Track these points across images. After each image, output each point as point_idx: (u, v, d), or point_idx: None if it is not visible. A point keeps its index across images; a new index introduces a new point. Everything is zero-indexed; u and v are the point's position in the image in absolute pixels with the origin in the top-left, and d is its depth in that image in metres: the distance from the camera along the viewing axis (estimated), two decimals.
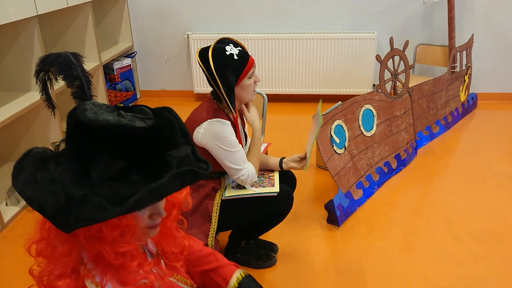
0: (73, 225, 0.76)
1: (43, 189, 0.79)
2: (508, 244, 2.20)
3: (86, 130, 0.79)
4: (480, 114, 3.92)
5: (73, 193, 0.77)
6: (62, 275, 0.85)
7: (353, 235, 2.30)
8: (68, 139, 0.84)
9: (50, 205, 0.77)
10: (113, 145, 0.79)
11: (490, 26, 3.94)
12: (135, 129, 0.79)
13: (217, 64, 1.68)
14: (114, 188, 0.78)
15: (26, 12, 2.52)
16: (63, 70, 0.95)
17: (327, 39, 3.93)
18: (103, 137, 0.78)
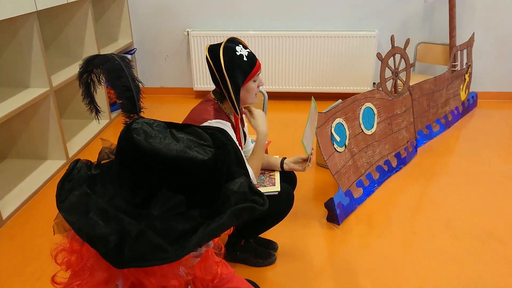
0: (127, 263, 0.72)
1: (94, 221, 0.73)
2: (507, 243, 2.20)
3: (147, 159, 0.74)
4: (481, 113, 3.92)
5: (129, 228, 0.72)
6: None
7: (353, 233, 2.29)
8: (121, 162, 0.78)
9: (102, 240, 0.72)
10: (175, 177, 0.75)
11: (491, 25, 3.94)
12: (200, 162, 0.75)
13: (228, 62, 1.66)
14: (171, 223, 0.74)
15: (25, 8, 2.51)
16: (112, 78, 0.88)
17: (327, 37, 3.92)
18: (166, 168, 0.74)
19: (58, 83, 2.94)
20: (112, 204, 0.75)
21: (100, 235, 0.72)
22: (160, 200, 0.75)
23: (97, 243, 0.72)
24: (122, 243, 0.71)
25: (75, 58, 3.48)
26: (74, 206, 0.76)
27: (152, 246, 0.71)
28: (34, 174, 2.85)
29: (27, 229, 2.35)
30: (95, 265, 0.80)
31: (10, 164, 2.97)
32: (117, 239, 0.72)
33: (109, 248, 0.72)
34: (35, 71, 2.77)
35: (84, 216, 0.74)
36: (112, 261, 0.72)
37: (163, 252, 0.71)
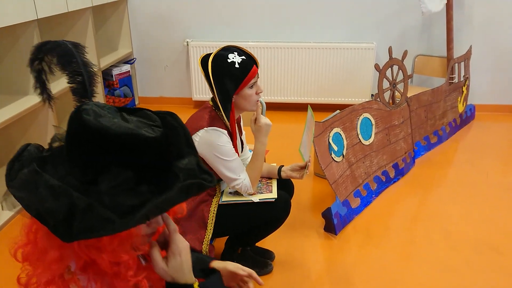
0: (76, 235, 0.73)
1: (43, 196, 0.74)
2: (505, 254, 2.19)
3: (96, 137, 0.75)
4: (478, 125, 3.93)
5: (78, 202, 0.73)
6: (50, 282, 0.82)
7: (350, 243, 2.28)
8: (71, 143, 0.79)
9: (51, 213, 0.73)
10: (123, 155, 0.76)
11: (489, 38, 3.97)
12: (148, 139, 0.76)
13: (215, 70, 1.68)
14: (120, 199, 0.75)
15: (26, 16, 2.53)
16: (63, 62, 0.88)
17: (326, 48, 3.95)
18: (115, 145, 0.76)
19: (57, 90, 2.95)
20: (63, 182, 0.76)
21: (48, 208, 0.73)
22: (108, 176, 0.76)
23: (46, 217, 0.73)
24: (71, 216, 0.72)
25: None
26: (23, 183, 0.77)
27: (100, 219, 0.73)
28: None
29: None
30: (46, 244, 0.81)
31: None
32: (66, 212, 0.72)
33: (58, 222, 0.72)
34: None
35: (33, 192, 0.74)
36: (61, 235, 0.73)
37: (112, 224, 0.73)
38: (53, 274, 0.82)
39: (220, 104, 1.69)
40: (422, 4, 3.33)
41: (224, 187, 1.91)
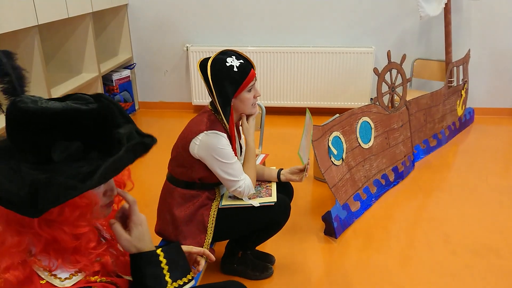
0: (42, 209, 0.78)
1: (2, 181, 0.79)
2: (505, 258, 2.19)
3: (38, 118, 0.81)
4: (477, 128, 3.94)
5: (38, 178, 0.78)
6: (9, 267, 0.84)
7: (350, 247, 2.29)
8: (16, 132, 0.84)
9: (14, 195, 0.77)
10: (67, 128, 0.83)
11: (487, 41, 3.99)
12: (85, 111, 0.84)
13: (215, 74, 1.69)
14: (76, 168, 0.82)
15: (26, 22, 2.54)
16: None
17: (325, 53, 3.97)
18: (57, 122, 0.82)
19: (57, 96, 2.96)
20: (18, 167, 0.81)
21: (8, 190, 0.77)
22: (58, 148, 0.82)
23: (9, 199, 0.77)
24: (35, 193, 0.77)
25: (76, 73, 3.51)
26: None
27: (63, 188, 0.79)
28: None
29: None
30: (5, 230, 0.84)
31: None
32: (28, 191, 0.77)
33: (22, 201, 0.77)
34: (35, 84, 2.79)
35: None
36: (29, 212, 0.78)
37: (74, 190, 0.80)
38: (12, 258, 0.84)
39: (220, 107, 1.70)
40: (420, 8, 3.36)
41: (224, 191, 1.92)
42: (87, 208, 0.87)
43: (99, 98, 0.90)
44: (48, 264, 0.86)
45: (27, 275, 0.84)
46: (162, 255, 1.02)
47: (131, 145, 0.88)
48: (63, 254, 0.88)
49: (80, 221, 0.87)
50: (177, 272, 1.03)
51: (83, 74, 3.49)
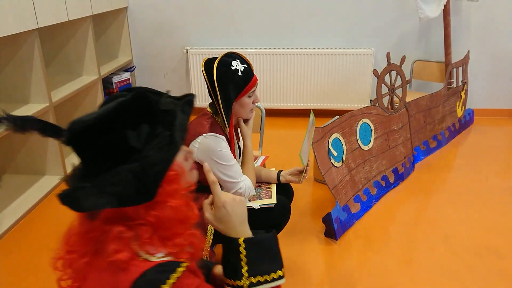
0: (153, 190, 0.88)
1: (110, 188, 0.86)
2: (505, 258, 2.19)
3: (100, 124, 0.87)
4: (477, 129, 3.94)
5: (134, 167, 0.86)
6: (118, 250, 0.91)
7: (350, 248, 2.29)
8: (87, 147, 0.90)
9: (125, 192, 0.86)
10: (128, 118, 0.90)
11: (486, 43, 4.00)
12: (131, 98, 0.91)
13: (220, 76, 1.69)
14: (155, 145, 0.90)
15: (27, 25, 2.55)
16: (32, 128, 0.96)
17: (325, 54, 3.98)
18: (116, 118, 0.88)
19: (58, 99, 2.97)
20: (112, 167, 0.88)
21: (120, 192, 0.86)
22: (133, 137, 0.89)
23: (124, 198, 0.86)
24: (138, 181, 0.86)
25: (76, 75, 3.52)
26: (89, 192, 0.87)
27: (157, 162, 0.88)
28: (32, 189, 2.85)
29: (24, 244, 2.34)
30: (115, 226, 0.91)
31: (9, 179, 2.97)
32: (133, 182, 0.86)
33: (134, 193, 0.86)
34: (35, 87, 2.80)
35: (100, 194, 0.86)
36: (143, 199, 0.88)
37: (167, 159, 0.89)
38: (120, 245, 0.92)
39: (223, 110, 1.70)
40: (420, 10, 3.36)
41: None
42: (179, 178, 0.94)
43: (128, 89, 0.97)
44: (148, 249, 0.92)
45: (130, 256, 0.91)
46: (243, 246, 1.01)
47: (180, 107, 0.96)
48: (164, 240, 0.94)
49: (178, 193, 0.94)
50: (257, 268, 1.00)
51: (83, 77, 3.50)
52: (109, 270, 0.89)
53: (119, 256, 0.88)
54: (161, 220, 0.92)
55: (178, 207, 0.93)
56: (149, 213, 0.91)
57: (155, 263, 0.90)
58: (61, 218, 2.59)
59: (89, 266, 0.93)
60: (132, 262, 0.89)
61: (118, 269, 0.88)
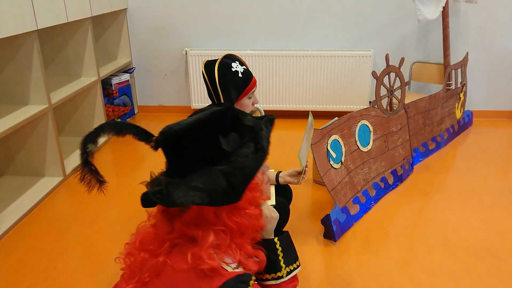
0: (242, 190, 0.95)
1: (204, 187, 0.93)
2: (504, 260, 2.20)
3: (197, 129, 0.97)
4: (476, 131, 3.95)
5: (226, 169, 0.94)
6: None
7: (349, 250, 2.29)
8: (184, 149, 0.99)
9: (217, 191, 0.93)
10: (221, 126, 1.00)
11: (485, 44, 4.01)
12: (224, 109, 1.00)
13: (222, 78, 1.70)
14: (243, 151, 0.99)
15: (26, 26, 2.55)
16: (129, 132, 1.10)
17: (324, 56, 3.98)
18: (212, 125, 0.98)
19: (57, 100, 2.97)
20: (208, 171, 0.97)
21: (212, 190, 0.92)
22: (226, 142, 0.99)
23: (217, 198, 0.93)
24: (229, 182, 0.93)
25: (75, 77, 3.52)
26: (184, 194, 0.94)
27: (247, 166, 0.96)
28: (31, 191, 2.85)
29: (23, 246, 2.34)
30: (206, 231, 1.00)
31: (7, 181, 2.97)
32: (225, 182, 0.93)
33: (225, 193, 0.93)
34: (34, 88, 2.80)
35: (192, 193, 0.93)
36: (233, 198, 0.94)
37: (255, 164, 0.97)
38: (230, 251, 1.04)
39: None
40: (418, 12, 3.37)
41: None
42: (258, 187, 1.05)
43: (215, 104, 1.09)
44: (224, 258, 1.01)
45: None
46: (278, 243, 1.23)
47: (264, 122, 1.08)
48: (237, 248, 1.03)
49: (255, 202, 1.04)
50: (289, 259, 1.24)
51: (82, 78, 3.50)
52: (191, 273, 0.96)
53: (211, 263, 0.95)
54: (239, 227, 1.00)
55: (253, 216, 1.03)
56: (231, 218, 0.99)
57: (235, 273, 0.99)
58: (60, 220, 2.59)
59: (162, 266, 0.99)
60: (217, 270, 0.97)
61: (203, 275, 0.95)
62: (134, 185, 2.99)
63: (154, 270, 0.99)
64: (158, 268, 0.98)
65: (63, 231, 2.45)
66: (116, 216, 2.63)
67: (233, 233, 1.01)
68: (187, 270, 0.96)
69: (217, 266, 0.97)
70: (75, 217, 2.64)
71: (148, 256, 1.01)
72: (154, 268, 0.99)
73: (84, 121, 3.65)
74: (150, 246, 1.02)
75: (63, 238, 2.39)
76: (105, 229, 2.49)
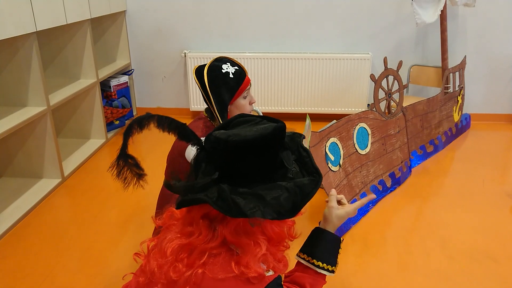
0: (302, 204, 0.98)
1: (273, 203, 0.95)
2: (501, 263, 2.20)
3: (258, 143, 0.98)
4: (474, 134, 3.96)
5: (290, 186, 0.97)
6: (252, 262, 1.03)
7: (347, 253, 2.29)
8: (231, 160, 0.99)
9: (284, 207, 0.95)
10: (280, 143, 1.03)
11: (483, 48, 4.02)
12: (279, 127, 1.01)
13: (211, 81, 1.70)
14: (296, 170, 1.03)
15: (25, 28, 2.55)
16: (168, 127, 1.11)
17: (322, 59, 3.99)
18: (273, 141, 1.00)
19: (55, 102, 2.97)
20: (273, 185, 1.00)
21: (281, 204, 0.95)
22: (286, 158, 1.03)
23: (283, 213, 0.95)
24: (294, 202, 0.97)
25: (74, 79, 3.52)
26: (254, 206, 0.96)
27: (307, 186, 1.00)
28: (29, 192, 2.84)
29: (20, 248, 2.34)
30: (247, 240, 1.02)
31: (5, 182, 2.97)
32: (292, 199, 0.96)
33: (288, 209, 0.96)
34: (33, 90, 2.80)
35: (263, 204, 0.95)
36: (291, 214, 0.97)
37: (315, 185, 1.01)
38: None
39: (218, 113, 1.71)
40: (417, 15, 3.38)
41: None
42: None
43: (268, 118, 1.09)
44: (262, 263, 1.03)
45: None
46: (342, 243, 1.33)
47: (300, 144, 1.10)
48: (270, 254, 1.06)
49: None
50: (337, 260, 1.32)
51: (81, 80, 3.51)
52: (235, 281, 0.97)
53: (259, 271, 0.98)
54: (277, 237, 1.05)
55: (290, 227, 1.10)
56: (273, 229, 1.03)
57: (272, 277, 1.03)
58: (58, 222, 2.59)
59: (202, 277, 0.98)
60: (261, 277, 1.00)
61: (248, 282, 0.98)
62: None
63: (192, 282, 0.97)
64: (197, 280, 0.97)
65: (61, 233, 2.45)
66: (114, 218, 2.63)
67: (272, 242, 1.05)
68: (229, 278, 0.97)
69: (263, 272, 1.00)
70: (73, 219, 2.64)
71: (185, 270, 0.99)
72: (192, 280, 0.97)
73: (83, 123, 3.65)
74: (182, 255, 1.00)
75: (61, 240, 2.39)
76: (103, 231, 2.49)
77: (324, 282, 1.31)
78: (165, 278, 1.00)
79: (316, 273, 1.29)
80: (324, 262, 1.28)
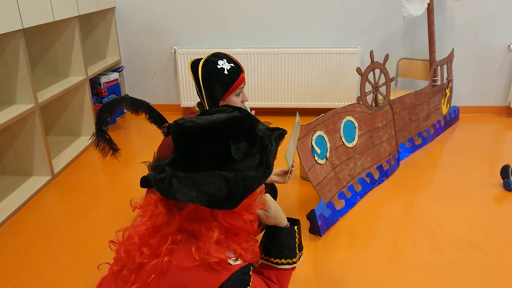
0: (241, 199, 0.96)
1: (205, 188, 0.95)
2: (487, 253, 2.24)
3: (211, 129, 0.98)
4: (462, 126, 4.00)
5: (230, 176, 0.96)
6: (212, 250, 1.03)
7: (335, 245, 2.32)
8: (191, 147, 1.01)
9: (217, 196, 0.95)
10: (235, 132, 1.01)
11: (470, 40, 4.05)
12: (242, 116, 1.03)
13: (205, 75, 1.71)
14: (249, 163, 1.01)
15: (11, 26, 2.55)
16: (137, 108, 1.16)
17: (312, 53, 4.01)
18: (226, 129, 0.99)
19: (44, 99, 2.97)
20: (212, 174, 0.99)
21: (213, 193, 0.95)
22: (236, 149, 1.01)
23: (214, 200, 0.94)
24: (230, 190, 0.95)
25: (62, 76, 3.52)
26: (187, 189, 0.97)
27: (250, 178, 0.97)
28: (19, 190, 2.85)
29: (10, 245, 2.35)
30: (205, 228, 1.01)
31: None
32: (226, 189, 0.95)
33: (224, 199, 0.95)
34: (21, 87, 2.80)
35: (197, 190, 0.96)
36: (229, 205, 0.96)
37: (260, 178, 0.98)
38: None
39: (209, 108, 1.73)
40: (403, 9, 3.40)
41: None
42: (256, 196, 1.08)
43: (234, 108, 1.09)
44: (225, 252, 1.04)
45: None
46: (297, 232, 1.32)
47: (276, 135, 1.09)
48: (234, 243, 1.07)
49: (252, 209, 1.07)
50: (300, 246, 1.32)
51: (70, 78, 3.50)
52: (198, 269, 0.99)
53: (219, 256, 0.99)
54: (233, 228, 1.04)
55: (247, 220, 1.07)
56: (226, 220, 1.02)
57: (239, 266, 1.04)
58: (48, 219, 2.59)
59: (168, 265, 1.00)
60: (224, 264, 1.01)
61: (211, 269, 0.99)
62: (123, 184, 3.00)
63: (159, 270, 0.99)
64: (163, 269, 0.99)
65: (51, 230, 2.46)
66: (104, 215, 2.64)
67: (228, 233, 1.05)
68: (194, 267, 0.98)
69: (225, 258, 1.01)
70: (63, 216, 2.65)
71: (149, 254, 1.01)
72: (158, 268, 0.99)
73: (73, 120, 3.65)
74: (150, 241, 1.03)
75: (51, 237, 2.40)
76: (94, 228, 2.50)
77: (290, 271, 1.33)
78: (132, 263, 1.03)
79: (279, 268, 1.30)
80: (282, 258, 1.28)
